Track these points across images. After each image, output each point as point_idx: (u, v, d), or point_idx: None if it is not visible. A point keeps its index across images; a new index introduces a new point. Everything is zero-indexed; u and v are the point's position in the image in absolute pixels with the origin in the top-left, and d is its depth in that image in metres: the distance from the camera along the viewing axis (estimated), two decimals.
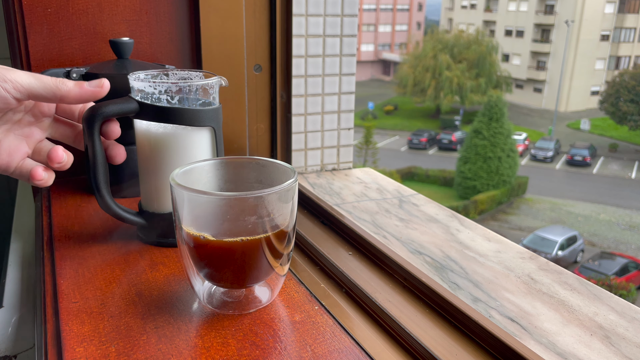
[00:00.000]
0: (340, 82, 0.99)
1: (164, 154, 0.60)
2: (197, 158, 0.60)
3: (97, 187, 0.58)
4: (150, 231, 0.64)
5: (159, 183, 0.62)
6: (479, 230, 0.76)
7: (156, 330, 0.47)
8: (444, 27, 27.97)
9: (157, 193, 0.62)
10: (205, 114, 0.59)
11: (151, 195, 0.63)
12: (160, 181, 0.61)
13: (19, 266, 0.76)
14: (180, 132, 0.59)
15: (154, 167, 0.61)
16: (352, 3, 0.96)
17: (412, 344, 0.47)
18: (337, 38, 0.97)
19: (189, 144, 0.60)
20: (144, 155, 0.62)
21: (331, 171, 1.03)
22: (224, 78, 0.62)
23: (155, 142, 0.60)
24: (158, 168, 0.61)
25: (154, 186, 0.62)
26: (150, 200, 0.63)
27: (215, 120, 0.61)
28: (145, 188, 0.63)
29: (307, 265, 0.63)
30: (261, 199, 0.46)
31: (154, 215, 0.63)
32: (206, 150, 0.62)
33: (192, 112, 0.58)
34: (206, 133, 0.61)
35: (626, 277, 9.33)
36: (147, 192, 0.63)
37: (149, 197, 0.63)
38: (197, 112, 0.58)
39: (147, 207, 0.64)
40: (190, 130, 0.60)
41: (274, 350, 0.45)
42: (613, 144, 18.55)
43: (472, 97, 20.24)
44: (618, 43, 23.67)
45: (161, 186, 0.62)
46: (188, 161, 0.58)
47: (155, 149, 0.60)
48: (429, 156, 18.04)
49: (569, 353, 0.48)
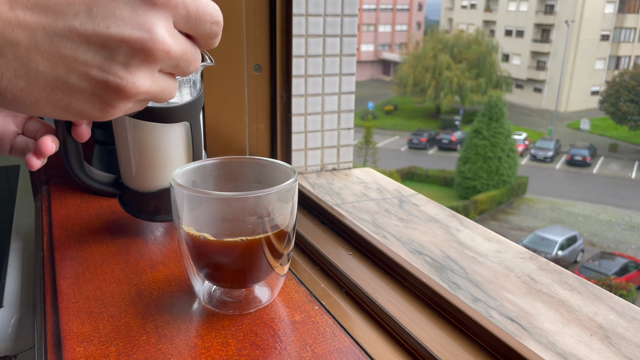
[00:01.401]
0: (340, 82, 0.99)
1: (138, 140, 0.60)
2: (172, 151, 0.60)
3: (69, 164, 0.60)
4: (127, 203, 0.65)
5: (133, 164, 0.62)
6: (479, 230, 0.76)
7: (156, 330, 0.47)
8: (444, 27, 27.98)
9: (132, 172, 0.63)
10: (177, 110, 0.57)
11: (126, 173, 0.64)
12: (135, 163, 0.62)
13: (19, 266, 0.76)
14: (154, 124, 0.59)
15: (129, 150, 0.62)
16: (352, 3, 0.96)
17: (412, 344, 0.47)
18: (337, 38, 0.97)
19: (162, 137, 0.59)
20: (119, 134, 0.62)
21: (331, 171, 1.03)
22: (208, 54, 0.57)
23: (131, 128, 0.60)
24: (133, 151, 0.61)
25: (129, 165, 0.63)
26: (126, 176, 0.64)
27: (191, 115, 0.58)
28: (123, 165, 0.64)
29: (307, 265, 0.63)
30: (261, 199, 0.46)
31: (130, 190, 0.64)
32: (180, 144, 0.60)
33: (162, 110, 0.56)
34: (181, 128, 0.60)
35: (626, 277, 9.33)
36: (123, 169, 0.64)
37: (125, 173, 0.64)
38: (168, 110, 0.56)
39: (124, 181, 0.65)
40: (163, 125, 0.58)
41: (274, 350, 0.45)
42: (613, 144, 18.56)
43: (472, 97, 20.24)
44: (618, 43, 23.68)
45: (136, 167, 0.62)
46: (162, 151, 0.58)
47: (131, 135, 0.60)
48: (429, 156, 18.05)
49: (569, 353, 0.48)
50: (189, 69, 0.33)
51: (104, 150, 0.82)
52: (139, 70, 0.30)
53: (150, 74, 0.31)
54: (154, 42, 0.29)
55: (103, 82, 0.29)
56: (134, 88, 0.30)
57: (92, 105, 0.30)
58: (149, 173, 0.62)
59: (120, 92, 0.30)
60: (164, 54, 0.30)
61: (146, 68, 0.30)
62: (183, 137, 0.60)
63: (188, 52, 0.32)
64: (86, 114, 0.31)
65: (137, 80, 0.30)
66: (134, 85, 0.30)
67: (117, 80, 0.29)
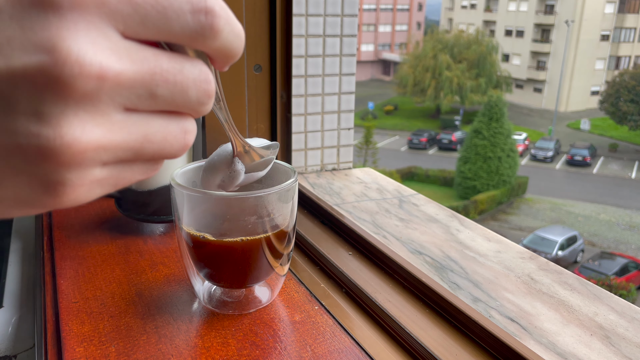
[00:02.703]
0: (340, 82, 0.99)
1: None
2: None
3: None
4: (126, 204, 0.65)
5: None
6: (479, 230, 0.76)
7: (156, 330, 0.47)
8: (444, 27, 27.98)
9: None
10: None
11: None
12: None
13: (19, 266, 0.76)
14: None
15: None
16: (352, 3, 0.96)
17: (412, 344, 0.47)
18: (337, 38, 0.97)
19: None
20: None
21: (331, 171, 1.03)
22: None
23: None
24: None
25: None
26: None
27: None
28: None
29: (307, 265, 0.63)
30: (261, 199, 0.46)
31: (129, 189, 0.64)
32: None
33: None
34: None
35: (626, 277, 9.33)
36: None
37: None
38: None
39: None
40: None
41: (274, 350, 0.45)
42: (613, 144, 18.56)
43: (472, 97, 20.25)
44: (618, 43, 23.68)
45: None
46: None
47: None
48: (429, 156, 18.05)
49: (569, 353, 0.48)
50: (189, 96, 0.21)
51: None
52: (63, 115, 0.18)
53: (91, 117, 0.19)
54: (61, 64, 0.18)
55: (16, 150, 0.19)
56: (68, 145, 0.19)
57: (28, 188, 0.20)
58: None
59: (50, 159, 0.19)
60: (93, 81, 0.18)
61: (75, 108, 0.19)
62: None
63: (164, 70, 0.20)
64: (30, 203, 0.20)
65: (66, 132, 0.18)
66: (64, 140, 0.18)
67: (33, 141, 0.18)
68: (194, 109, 0.22)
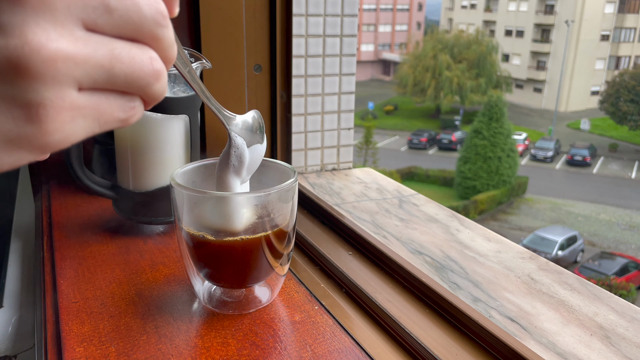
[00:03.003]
0: (340, 82, 0.99)
1: (137, 137, 0.60)
2: (170, 145, 0.61)
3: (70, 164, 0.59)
4: (123, 206, 0.65)
5: (132, 163, 0.62)
6: (479, 230, 0.76)
7: (156, 330, 0.47)
8: (444, 27, 27.97)
9: (130, 172, 0.63)
10: (179, 102, 0.58)
11: (124, 174, 0.64)
12: (134, 162, 0.62)
13: (19, 266, 0.76)
14: (154, 118, 0.59)
15: (128, 149, 0.62)
16: (352, 3, 0.96)
17: (412, 344, 0.47)
18: (337, 38, 0.97)
19: (162, 131, 0.60)
20: (119, 136, 0.62)
21: (331, 171, 1.03)
22: (206, 59, 0.59)
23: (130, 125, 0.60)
24: (131, 150, 0.61)
25: (127, 165, 0.63)
26: (123, 177, 0.64)
27: (190, 108, 0.60)
28: (120, 166, 0.64)
29: (307, 265, 0.63)
30: (261, 199, 0.46)
31: (128, 192, 0.64)
32: (179, 138, 0.61)
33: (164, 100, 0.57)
34: (180, 121, 0.61)
35: (626, 277, 9.33)
36: (121, 170, 0.64)
37: (122, 174, 0.64)
38: (169, 100, 0.58)
39: (121, 183, 0.65)
40: (163, 117, 0.59)
41: (274, 350, 0.45)
42: (613, 144, 18.55)
43: (472, 97, 20.24)
44: (618, 43, 23.68)
45: (135, 167, 0.62)
46: (161, 147, 0.59)
47: (130, 131, 0.61)
48: (429, 156, 18.04)
49: (569, 353, 0.48)
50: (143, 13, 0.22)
51: (104, 150, 0.82)
52: (25, 24, 0.19)
53: (52, 26, 0.20)
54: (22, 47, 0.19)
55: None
56: (37, 50, 0.19)
57: (10, 115, 0.20)
58: (146, 171, 0.62)
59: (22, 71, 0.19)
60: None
61: (35, 17, 0.20)
62: (182, 134, 0.61)
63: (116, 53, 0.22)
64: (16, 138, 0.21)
65: (32, 39, 0.19)
66: (32, 46, 0.19)
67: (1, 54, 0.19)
68: (152, 31, 0.23)
